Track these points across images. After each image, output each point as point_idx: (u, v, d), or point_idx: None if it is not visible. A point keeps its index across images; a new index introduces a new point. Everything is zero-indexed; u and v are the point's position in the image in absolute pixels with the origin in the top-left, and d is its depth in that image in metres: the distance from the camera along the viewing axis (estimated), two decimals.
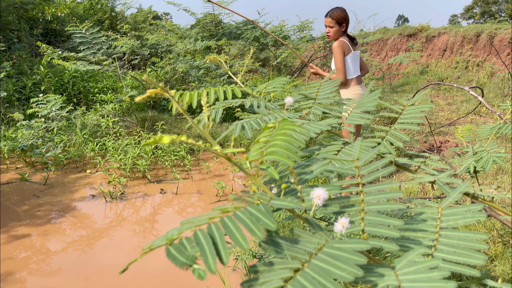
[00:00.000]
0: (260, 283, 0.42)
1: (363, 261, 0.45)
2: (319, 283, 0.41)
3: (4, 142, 5.28)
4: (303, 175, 0.61)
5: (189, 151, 5.61)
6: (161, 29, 9.15)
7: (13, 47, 7.62)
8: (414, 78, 9.38)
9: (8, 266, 2.97)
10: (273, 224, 0.45)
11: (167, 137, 0.46)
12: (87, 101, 7.10)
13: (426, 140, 5.08)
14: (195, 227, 0.44)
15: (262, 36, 8.28)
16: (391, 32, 11.60)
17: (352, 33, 9.19)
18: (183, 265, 0.40)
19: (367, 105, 1.01)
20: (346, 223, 0.51)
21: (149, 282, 2.73)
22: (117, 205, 4.12)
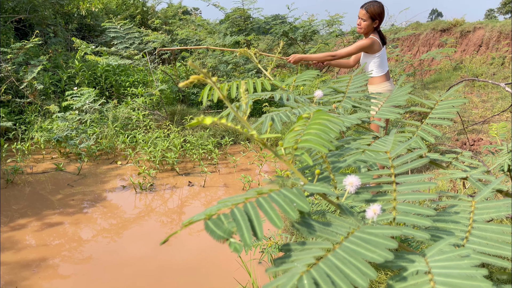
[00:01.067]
0: (292, 260, 0.44)
1: (394, 246, 0.46)
2: (350, 262, 0.43)
3: (40, 133, 5.49)
4: (336, 163, 0.63)
5: (217, 145, 5.67)
6: (191, 24, 9.26)
7: (49, 42, 7.89)
8: (446, 74, 9.14)
9: (42, 253, 3.10)
10: (306, 206, 0.47)
11: (209, 119, 0.49)
12: (118, 94, 7.28)
13: (458, 138, 4.95)
14: (232, 205, 0.47)
15: (291, 31, 8.25)
16: (424, 27, 11.32)
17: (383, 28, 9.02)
18: (220, 238, 0.43)
19: (398, 99, 1.00)
20: (378, 210, 0.52)
21: (175, 275, 2.79)
22: (146, 196, 4.22)
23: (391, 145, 0.66)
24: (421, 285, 0.44)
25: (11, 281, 2.73)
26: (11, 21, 7.47)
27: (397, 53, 8.33)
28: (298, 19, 8.98)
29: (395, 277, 0.47)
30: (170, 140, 5.26)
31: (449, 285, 0.43)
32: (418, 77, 8.96)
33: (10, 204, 3.98)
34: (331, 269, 0.42)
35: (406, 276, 0.47)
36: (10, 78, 6.29)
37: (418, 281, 0.45)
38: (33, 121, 5.99)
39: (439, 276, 0.45)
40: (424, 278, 0.45)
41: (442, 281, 0.44)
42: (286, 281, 0.41)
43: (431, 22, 11.68)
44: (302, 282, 0.41)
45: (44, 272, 2.83)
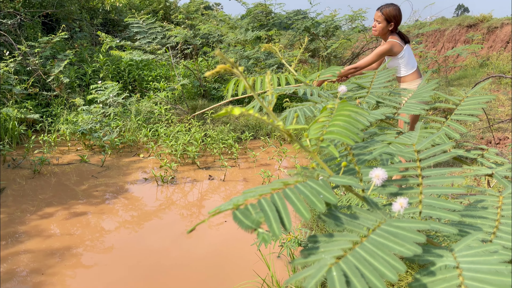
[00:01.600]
0: (320, 251, 0.44)
1: (422, 240, 0.46)
2: (378, 255, 0.43)
3: (66, 125, 5.63)
4: (362, 155, 0.62)
5: (237, 140, 5.70)
6: (213, 19, 9.29)
7: (75, 36, 8.06)
8: (472, 71, 8.91)
9: (66, 242, 3.19)
10: (333, 198, 0.47)
11: (238, 109, 0.49)
12: (141, 88, 7.38)
13: (483, 137, 4.84)
14: (258, 196, 0.47)
15: (312, 27, 8.19)
16: (449, 22, 11.05)
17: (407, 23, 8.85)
18: (248, 228, 0.43)
19: (424, 95, 0.99)
20: (404, 203, 0.52)
21: (195, 266, 2.83)
22: (168, 188, 4.28)
23: (417, 139, 0.65)
24: (450, 280, 0.44)
25: (37, 268, 2.81)
26: (38, 16, 7.66)
27: (421, 49, 8.16)
28: (320, 14, 8.90)
29: (423, 271, 0.47)
30: (191, 135, 5.31)
31: (478, 280, 0.43)
32: (442, 74, 8.77)
33: (37, 194, 4.10)
34: (360, 262, 0.43)
35: (434, 270, 0.46)
36: (38, 72, 6.46)
37: (446, 275, 0.45)
38: (59, 114, 6.14)
39: (468, 271, 0.45)
40: (453, 273, 0.45)
41: (471, 276, 0.44)
42: (314, 272, 0.41)
43: (457, 18, 11.40)
44: (331, 274, 0.41)
45: (68, 261, 2.91)
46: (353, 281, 0.40)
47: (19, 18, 7.05)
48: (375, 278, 0.40)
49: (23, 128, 5.57)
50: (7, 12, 6.97)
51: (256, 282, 2.47)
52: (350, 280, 0.40)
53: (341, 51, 9.56)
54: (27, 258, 2.95)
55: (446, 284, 0.43)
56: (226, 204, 0.48)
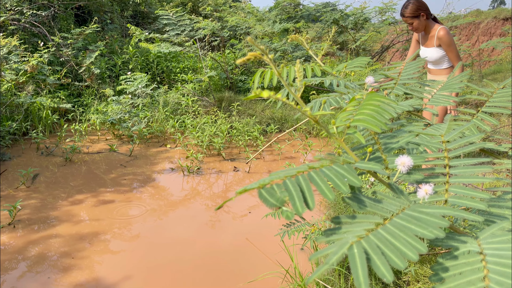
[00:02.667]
0: (343, 231, 0.46)
1: (446, 224, 0.47)
2: (400, 236, 0.44)
3: (96, 115, 5.79)
4: (388, 144, 0.63)
5: (262, 132, 5.72)
6: (240, 11, 9.30)
7: (106, 28, 8.24)
8: (508, 66, 8.59)
9: (95, 227, 3.29)
10: (357, 181, 0.48)
11: (266, 92, 0.51)
12: (169, 80, 7.49)
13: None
14: (284, 177, 0.49)
15: (341, 19, 8.08)
16: (485, 15, 10.67)
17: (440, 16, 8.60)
18: (273, 205, 0.45)
19: (453, 86, 0.98)
20: (429, 190, 0.52)
21: (218, 256, 2.87)
22: (193, 179, 4.35)
23: (446, 130, 0.65)
24: (473, 264, 0.45)
25: (68, 252, 2.93)
26: (71, 8, 7.87)
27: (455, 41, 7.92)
28: (349, 7, 8.76)
29: (446, 255, 0.47)
30: (217, 126, 5.37)
31: (502, 265, 0.43)
32: (476, 68, 8.50)
33: (68, 181, 4.25)
34: (381, 241, 0.44)
35: (458, 255, 0.47)
36: (70, 63, 6.65)
37: (469, 260, 0.45)
38: (90, 104, 6.32)
39: (491, 256, 0.45)
40: (476, 258, 0.45)
41: (495, 261, 0.44)
42: (336, 249, 0.43)
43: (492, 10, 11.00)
44: (352, 251, 0.42)
45: (97, 246, 3.02)
46: (373, 257, 0.41)
47: (53, 10, 7.26)
48: (395, 256, 0.41)
49: (56, 118, 5.76)
50: (41, 4, 7.20)
51: (279, 273, 2.49)
52: (370, 257, 0.41)
53: (370, 44, 9.40)
54: (58, 242, 3.07)
55: (468, 267, 0.44)
56: (253, 183, 0.49)
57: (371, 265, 0.41)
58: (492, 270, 0.43)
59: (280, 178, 0.51)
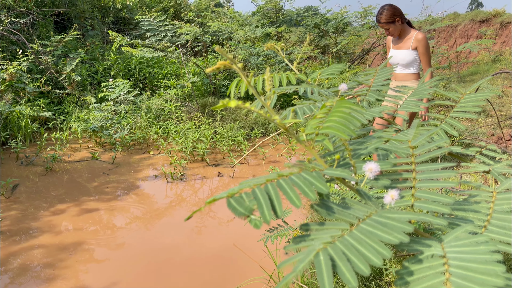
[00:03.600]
0: (311, 238, 0.46)
1: (410, 229, 0.48)
2: (366, 242, 0.45)
3: (78, 123, 5.71)
4: (358, 150, 0.64)
5: (246, 137, 5.73)
6: (223, 16, 9.32)
7: (86, 35, 8.16)
8: (485, 67, 8.79)
9: (78, 237, 3.25)
10: (325, 188, 0.49)
11: (234, 102, 0.52)
12: (152, 86, 7.45)
13: (494, 133, 4.79)
14: (253, 185, 0.49)
15: (322, 23, 8.16)
16: (462, 18, 10.91)
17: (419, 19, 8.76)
18: (241, 214, 0.46)
19: (423, 92, 1.00)
20: (395, 195, 0.54)
21: (204, 262, 2.86)
22: (177, 185, 4.33)
23: (413, 135, 0.67)
24: (436, 268, 0.46)
25: (49, 263, 2.88)
26: (50, 15, 7.77)
27: (433, 45, 8.08)
28: (330, 11, 8.87)
29: (411, 259, 0.49)
30: (201, 132, 5.35)
31: (463, 268, 0.45)
32: (454, 70, 8.68)
33: (49, 191, 4.18)
34: (347, 248, 0.45)
35: (422, 259, 0.48)
36: (50, 70, 6.56)
37: (432, 263, 0.47)
38: (71, 112, 6.23)
39: (454, 260, 0.46)
40: (439, 261, 0.47)
41: (457, 264, 0.45)
42: (303, 257, 0.44)
43: (469, 13, 11.25)
44: (318, 258, 0.43)
45: (80, 256, 2.97)
46: (339, 264, 0.42)
47: (32, 17, 7.16)
48: (360, 262, 0.42)
49: (35, 126, 5.67)
50: (19, 11, 7.09)
51: (263, 278, 2.50)
52: (336, 264, 0.42)
53: (352, 48, 9.51)
54: (39, 253, 3.02)
55: (431, 271, 0.45)
56: (223, 193, 0.50)
57: (337, 271, 0.42)
58: (454, 273, 0.44)
59: (249, 187, 0.51)
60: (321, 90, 1.00)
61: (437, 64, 8.07)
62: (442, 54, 8.00)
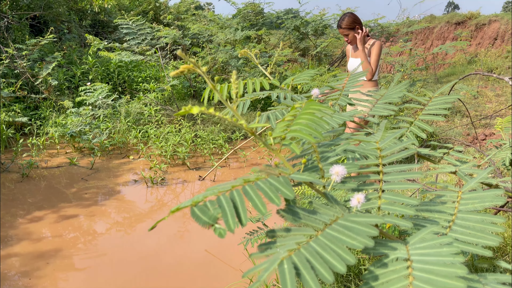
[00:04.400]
0: (277, 246, 0.46)
1: (375, 233, 0.48)
2: (330, 248, 0.45)
3: (55, 128, 5.60)
4: (326, 153, 0.64)
5: (227, 140, 5.71)
6: (203, 19, 9.29)
7: (63, 38, 8.01)
8: (461, 68, 9.00)
9: (56, 244, 3.18)
10: (291, 194, 0.49)
11: (196, 108, 0.51)
12: (131, 90, 7.36)
13: (469, 133, 4.90)
14: (218, 193, 0.49)
15: (302, 26, 8.22)
16: (438, 20, 11.15)
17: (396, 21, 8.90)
18: (205, 224, 0.45)
19: (393, 96, 1.01)
20: (362, 199, 0.54)
21: (187, 270, 2.83)
22: (158, 190, 4.28)
23: (381, 137, 0.67)
24: (400, 271, 0.46)
25: (25, 272, 2.80)
26: (26, 18, 7.61)
27: (410, 47, 8.22)
28: (309, 14, 8.93)
29: (377, 263, 0.49)
30: (181, 135, 5.31)
31: (426, 272, 0.45)
32: (431, 71, 8.85)
33: (26, 197, 4.08)
34: (312, 254, 0.44)
35: (387, 262, 0.48)
36: (26, 75, 6.42)
37: (397, 267, 0.47)
38: (48, 117, 6.10)
39: (417, 263, 0.46)
40: (403, 265, 0.47)
41: (420, 267, 0.46)
42: (267, 266, 0.43)
43: (445, 15, 11.50)
44: (282, 266, 0.42)
45: (58, 264, 2.91)
46: (303, 272, 0.41)
47: (7, 21, 7.00)
48: (324, 269, 0.42)
49: (11, 132, 5.53)
50: None
51: (243, 282, 2.48)
52: (300, 272, 0.42)
53: (332, 50, 9.60)
54: (15, 261, 2.94)
55: (395, 275, 0.45)
56: (187, 201, 0.49)
57: (301, 279, 0.42)
58: (417, 277, 0.44)
59: (214, 194, 0.51)
60: (294, 96, 1.00)
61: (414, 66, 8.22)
62: (419, 56, 8.15)
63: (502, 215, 2.66)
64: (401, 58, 7.90)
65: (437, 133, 4.91)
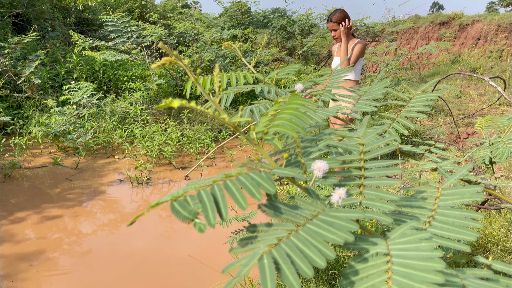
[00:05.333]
0: (257, 240, 0.46)
1: (356, 228, 0.48)
2: (311, 243, 0.44)
3: (38, 128, 5.51)
4: (309, 148, 0.64)
5: (214, 139, 5.69)
6: (189, 18, 9.24)
7: (47, 36, 7.88)
8: (445, 68, 9.13)
9: (40, 246, 3.12)
10: (272, 188, 0.49)
11: (177, 101, 0.50)
12: (116, 89, 7.28)
13: (452, 132, 4.97)
14: (199, 187, 0.48)
15: (288, 25, 8.24)
16: (423, 20, 11.28)
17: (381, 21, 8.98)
18: (185, 218, 0.44)
19: (376, 93, 1.02)
20: (343, 194, 0.54)
21: (174, 270, 2.81)
22: (143, 190, 4.24)
23: (363, 132, 0.68)
24: (379, 266, 0.46)
25: (8, 274, 2.75)
26: (9, 15, 7.46)
27: (395, 46, 8.31)
28: (295, 13, 8.96)
29: (357, 258, 0.49)
30: (167, 135, 5.27)
31: (405, 266, 0.45)
32: (416, 71, 8.96)
33: (8, 198, 4.01)
34: (292, 249, 0.44)
35: (367, 257, 0.48)
36: (8, 73, 6.29)
37: (376, 262, 0.47)
38: (31, 116, 6.00)
39: (396, 257, 0.47)
40: (383, 260, 0.47)
41: (399, 262, 0.46)
42: (247, 261, 0.43)
43: (430, 15, 11.65)
44: (262, 261, 0.42)
45: (41, 266, 2.86)
46: (282, 267, 0.41)
47: None
48: (304, 264, 0.42)
49: None
50: None
51: None
52: (280, 267, 0.41)
53: (318, 49, 9.64)
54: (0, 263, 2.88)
55: (375, 270, 0.45)
56: (167, 196, 0.48)
57: (281, 274, 0.41)
58: (396, 271, 0.44)
59: (195, 189, 0.50)
60: (278, 90, 1.00)
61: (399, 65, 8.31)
62: (404, 55, 8.24)
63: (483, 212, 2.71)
64: (387, 57, 7.98)
65: (420, 132, 4.97)
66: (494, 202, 2.39)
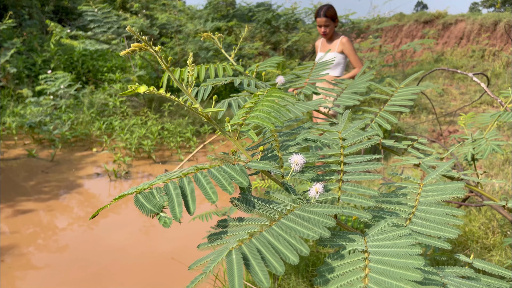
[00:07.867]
0: (228, 236, 0.43)
1: (332, 224, 0.45)
2: (284, 239, 0.42)
3: (12, 118, 5.34)
4: (287, 142, 0.61)
5: (195, 133, 5.63)
6: (173, 9, 9.09)
7: (24, 24, 7.65)
8: (428, 66, 9.24)
9: (13, 240, 3.03)
10: (245, 181, 0.46)
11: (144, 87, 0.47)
12: (95, 80, 7.13)
13: (434, 129, 5.03)
14: (167, 180, 0.45)
15: (273, 19, 8.19)
16: (407, 18, 11.39)
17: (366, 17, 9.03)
18: (150, 212, 0.41)
19: (359, 86, 1.00)
20: (320, 189, 0.51)
21: (152, 266, 2.76)
22: (122, 184, 4.16)
23: (343, 127, 0.65)
24: (356, 263, 0.44)
25: None
26: None
27: (380, 43, 8.36)
28: (281, 7, 8.92)
29: (333, 255, 0.46)
30: (147, 128, 5.19)
31: (383, 263, 0.43)
32: (400, 68, 9.04)
33: None
34: (263, 245, 0.41)
35: (344, 254, 0.46)
36: None
37: (353, 259, 0.44)
38: (5, 106, 5.82)
39: (374, 254, 0.45)
40: (360, 257, 0.45)
41: (377, 259, 0.44)
42: (215, 257, 0.40)
43: (414, 14, 11.77)
44: (230, 257, 0.39)
45: (14, 261, 2.77)
46: (252, 263, 0.39)
47: None
48: (275, 260, 0.39)
49: None
50: None
51: (209, 279, 2.45)
52: (250, 263, 0.39)
53: (303, 45, 9.63)
54: None
55: (351, 267, 0.43)
56: (131, 188, 0.45)
57: (250, 271, 0.39)
58: (373, 269, 0.42)
59: (163, 181, 0.47)
60: (258, 83, 0.97)
61: (383, 62, 8.37)
62: (388, 52, 8.31)
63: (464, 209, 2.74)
64: (371, 54, 8.03)
65: (403, 129, 5.02)
66: (474, 200, 2.42)
